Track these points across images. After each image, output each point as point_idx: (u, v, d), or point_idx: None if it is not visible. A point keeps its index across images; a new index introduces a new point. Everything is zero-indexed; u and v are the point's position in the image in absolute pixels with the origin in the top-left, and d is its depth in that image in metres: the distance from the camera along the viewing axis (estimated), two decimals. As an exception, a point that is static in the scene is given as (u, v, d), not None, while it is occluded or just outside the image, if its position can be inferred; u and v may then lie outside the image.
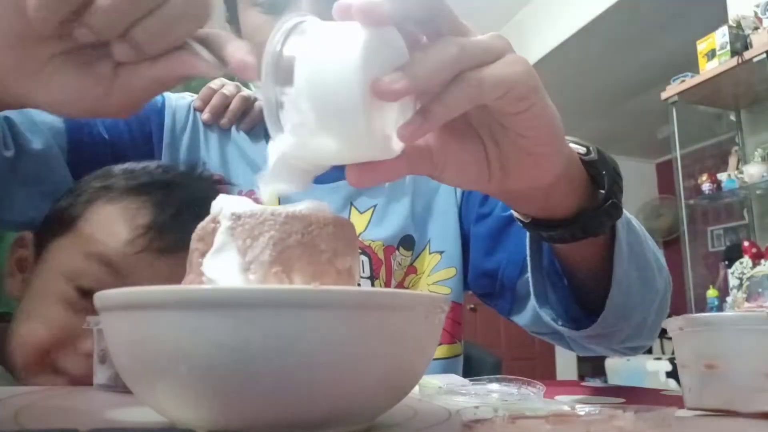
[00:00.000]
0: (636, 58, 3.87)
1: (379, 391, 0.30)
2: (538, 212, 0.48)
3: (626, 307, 0.54)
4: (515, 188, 0.42)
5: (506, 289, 0.73)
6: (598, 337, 0.57)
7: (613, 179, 0.47)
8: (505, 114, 0.37)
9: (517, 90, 0.35)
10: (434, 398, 0.45)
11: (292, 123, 0.33)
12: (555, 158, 0.41)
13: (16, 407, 0.37)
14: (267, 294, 0.27)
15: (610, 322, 0.53)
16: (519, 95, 0.35)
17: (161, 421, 0.31)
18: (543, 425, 0.27)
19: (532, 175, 0.41)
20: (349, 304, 0.27)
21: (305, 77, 0.32)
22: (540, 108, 0.37)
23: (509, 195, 0.47)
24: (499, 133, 0.39)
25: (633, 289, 0.53)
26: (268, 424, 0.27)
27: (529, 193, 0.44)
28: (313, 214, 0.33)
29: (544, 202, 0.46)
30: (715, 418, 0.39)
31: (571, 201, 0.47)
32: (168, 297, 0.27)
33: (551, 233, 0.49)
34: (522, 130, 0.38)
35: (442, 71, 0.33)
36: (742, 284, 2.52)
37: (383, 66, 0.32)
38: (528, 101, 0.36)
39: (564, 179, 0.44)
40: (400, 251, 0.74)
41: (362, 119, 0.32)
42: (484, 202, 0.77)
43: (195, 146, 0.75)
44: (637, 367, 3.41)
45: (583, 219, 0.47)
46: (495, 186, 0.42)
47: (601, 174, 0.47)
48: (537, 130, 0.38)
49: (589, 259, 0.52)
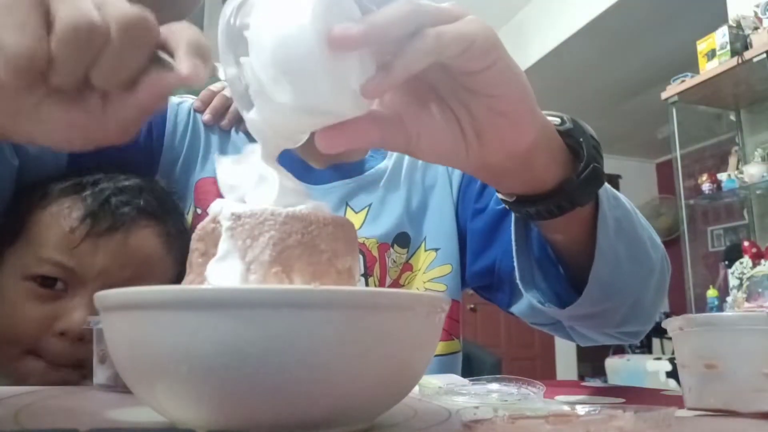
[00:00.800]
0: (636, 58, 3.87)
1: (379, 391, 0.30)
2: (522, 187, 0.48)
3: (615, 284, 0.53)
4: (494, 160, 0.42)
5: (504, 281, 0.73)
6: (588, 318, 0.57)
7: (591, 145, 0.47)
8: (469, 73, 0.37)
9: (477, 45, 0.36)
10: (434, 398, 0.45)
11: (256, 92, 0.34)
12: (529, 117, 0.41)
13: (16, 407, 0.37)
14: (267, 294, 0.27)
15: (597, 298, 0.53)
16: (480, 49, 0.36)
17: (161, 421, 0.31)
18: (543, 425, 0.28)
19: (509, 139, 0.41)
20: (349, 304, 0.27)
21: (261, 42, 0.33)
22: (504, 64, 0.37)
23: (489, 170, 0.46)
24: (469, 99, 0.39)
25: (623, 265, 0.53)
26: (268, 424, 0.27)
27: (509, 165, 0.44)
28: (313, 214, 0.33)
29: (526, 174, 0.46)
30: (715, 418, 0.39)
31: (553, 172, 0.47)
32: (168, 297, 0.27)
33: (537, 208, 0.48)
34: (490, 89, 0.38)
35: (397, 22, 0.34)
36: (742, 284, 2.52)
37: (337, 21, 0.33)
38: (490, 56, 0.36)
39: (542, 149, 0.44)
40: (394, 249, 0.74)
41: (321, 70, 0.32)
42: (479, 198, 0.77)
43: (195, 148, 0.76)
44: (637, 367, 3.41)
45: (567, 188, 0.47)
46: (473, 159, 0.42)
47: (578, 142, 0.47)
48: (505, 86, 0.38)
49: (576, 236, 0.52)
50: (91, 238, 0.58)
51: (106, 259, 0.59)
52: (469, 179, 0.80)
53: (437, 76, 0.39)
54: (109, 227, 0.59)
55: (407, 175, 0.79)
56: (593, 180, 0.47)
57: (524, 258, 0.56)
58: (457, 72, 0.37)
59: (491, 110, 0.39)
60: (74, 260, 0.58)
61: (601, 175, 0.48)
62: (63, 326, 0.57)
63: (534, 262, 0.57)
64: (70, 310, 0.57)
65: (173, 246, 0.65)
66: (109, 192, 0.61)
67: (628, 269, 0.54)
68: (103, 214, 0.59)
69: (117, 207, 0.60)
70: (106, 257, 0.59)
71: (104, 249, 0.59)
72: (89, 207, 0.59)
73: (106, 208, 0.60)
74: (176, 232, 0.66)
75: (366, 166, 0.78)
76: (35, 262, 0.58)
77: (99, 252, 0.59)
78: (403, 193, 0.78)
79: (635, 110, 4.52)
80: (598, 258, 0.51)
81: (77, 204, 0.60)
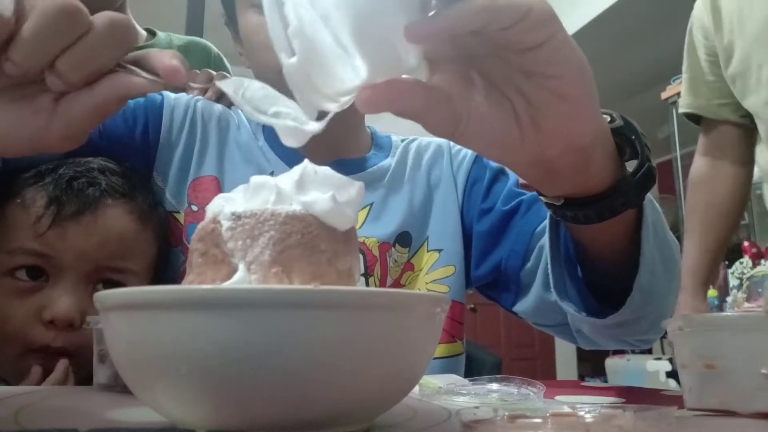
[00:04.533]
0: (636, 58, 3.87)
1: (379, 391, 0.30)
2: (574, 187, 0.45)
3: (651, 290, 0.51)
4: (552, 153, 0.39)
5: (510, 281, 0.72)
6: (621, 325, 0.54)
7: (644, 143, 0.45)
8: (524, 50, 0.34)
9: (534, 15, 0.33)
10: (434, 398, 0.45)
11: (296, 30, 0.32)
12: (591, 104, 0.38)
13: (16, 407, 0.37)
14: (267, 294, 0.27)
15: (637, 305, 0.50)
16: (536, 20, 0.33)
17: (161, 421, 0.31)
18: (543, 425, 0.28)
19: (570, 128, 0.38)
20: (349, 304, 0.27)
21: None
22: (563, 38, 0.35)
23: (544, 166, 0.42)
24: (525, 83, 0.36)
25: (658, 270, 0.51)
26: (268, 424, 0.27)
27: (567, 161, 0.41)
28: (313, 214, 0.33)
29: (583, 172, 0.43)
30: (715, 418, 0.39)
31: (609, 171, 0.44)
32: (168, 297, 0.27)
33: (587, 212, 0.45)
34: (547, 67, 0.35)
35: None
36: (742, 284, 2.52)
37: None
38: (547, 29, 0.34)
39: (601, 144, 0.42)
40: (396, 248, 0.73)
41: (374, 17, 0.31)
42: (485, 198, 0.77)
43: (192, 144, 0.74)
44: (637, 367, 3.41)
45: (622, 189, 0.44)
46: (528, 151, 0.38)
47: (629, 140, 0.45)
48: (564, 65, 0.35)
49: (616, 240, 0.49)
50: (59, 223, 0.58)
51: (79, 242, 0.59)
52: (474, 179, 0.79)
53: (491, 63, 0.37)
54: (75, 211, 0.59)
55: (411, 174, 0.78)
56: (648, 181, 0.45)
57: (557, 266, 0.54)
58: (512, 49, 0.35)
59: (550, 93, 0.36)
60: (46, 247, 0.58)
61: (654, 176, 0.46)
62: (50, 315, 0.57)
63: (565, 269, 0.55)
64: (55, 298, 0.58)
65: (148, 221, 0.65)
66: (70, 175, 0.61)
67: (662, 275, 0.52)
68: (66, 198, 0.59)
69: (80, 189, 0.60)
70: (78, 240, 0.59)
71: (74, 232, 0.59)
72: (51, 193, 0.59)
73: (69, 191, 0.59)
74: (148, 208, 0.66)
75: (368, 163, 0.77)
76: (7, 256, 0.59)
77: (69, 236, 0.59)
78: (406, 193, 0.77)
79: (635, 110, 4.51)
80: (642, 264, 0.48)
81: (40, 192, 0.60)
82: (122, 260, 0.62)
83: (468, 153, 0.82)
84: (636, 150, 0.46)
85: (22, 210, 0.59)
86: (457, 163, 0.81)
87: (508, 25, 0.33)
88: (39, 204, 0.59)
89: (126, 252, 0.62)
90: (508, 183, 0.78)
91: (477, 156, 0.81)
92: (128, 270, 0.62)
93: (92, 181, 0.61)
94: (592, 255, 0.52)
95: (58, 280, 0.59)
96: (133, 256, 0.63)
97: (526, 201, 0.74)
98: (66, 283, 0.58)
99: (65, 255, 0.58)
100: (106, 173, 0.63)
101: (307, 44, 0.32)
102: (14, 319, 0.58)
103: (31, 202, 0.59)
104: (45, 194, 0.59)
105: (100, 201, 0.61)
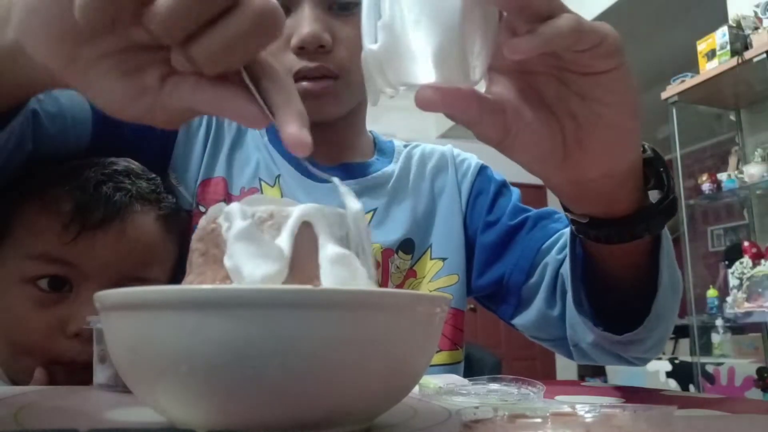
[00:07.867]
0: (636, 58, 3.86)
1: (379, 391, 0.30)
2: (603, 210, 0.47)
3: (662, 313, 0.52)
4: (591, 175, 0.41)
5: (511, 294, 0.72)
6: (631, 342, 0.55)
7: (670, 176, 0.47)
8: (590, 74, 0.36)
9: (608, 43, 0.35)
10: (434, 398, 0.45)
11: (386, 24, 0.35)
12: (635, 137, 0.40)
13: (16, 407, 0.37)
14: (267, 294, 0.27)
15: (652, 326, 0.52)
16: (609, 49, 0.35)
17: (161, 421, 0.31)
18: (543, 425, 0.27)
19: (612, 154, 0.40)
20: (349, 304, 0.27)
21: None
22: (625, 71, 0.36)
23: (579, 187, 0.44)
24: (578, 106, 0.38)
25: (668, 291, 0.52)
26: (268, 423, 0.27)
27: (603, 185, 0.42)
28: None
29: (614, 198, 0.45)
30: (715, 418, 0.39)
31: (635, 197, 0.46)
32: (168, 297, 0.27)
33: (608, 232, 0.47)
34: (605, 95, 0.37)
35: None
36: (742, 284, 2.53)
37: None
38: (615, 59, 0.36)
39: (635, 172, 0.43)
40: (398, 255, 0.73)
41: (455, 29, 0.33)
42: (490, 211, 0.76)
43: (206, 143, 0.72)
44: (637, 368, 3.40)
45: (645, 216, 0.46)
46: (569, 169, 0.40)
47: (658, 172, 0.47)
48: (621, 95, 0.37)
49: (633, 262, 0.51)
50: (87, 230, 0.55)
51: (106, 251, 0.56)
52: (478, 190, 0.79)
53: (545, 81, 0.39)
54: (103, 218, 0.56)
55: (415, 181, 0.78)
56: (672, 211, 0.47)
57: (577, 282, 0.55)
58: (578, 70, 0.36)
59: (601, 119, 0.38)
60: (72, 255, 0.55)
61: (677, 207, 0.48)
62: (76, 328, 0.54)
63: (581, 285, 0.56)
64: (80, 310, 0.54)
65: (172, 226, 0.62)
66: (97, 179, 0.57)
67: (671, 299, 0.54)
68: (95, 205, 0.56)
69: (108, 195, 0.56)
70: (106, 250, 0.56)
71: (102, 241, 0.56)
72: (79, 198, 0.55)
73: (97, 197, 0.56)
74: (172, 212, 0.63)
75: (371, 168, 0.77)
76: (29, 262, 0.55)
77: (97, 245, 0.55)
78: (409, 200, 0.76)
79: (635, 110, 4.51)
80: (661, 287, 0.50)
81: (64, 196, 0.56)
82: (147, 268, 0.59)
83: (472, 163, 0.82)
84: (661, 180, 0.47)
85: (45, 213, 0.56)
86: (462, 172, 0.81)
87: (586, 48, 0.35)
88: (65, 209, 0.55)
89: (151, 259, 0.60)
90: (512, 198, 0.79)
91: (482, 167, 0.82)
92: (151, 279, 0.59)
93: (119, 186, 0.58)
94: (602, 273, 0.53)
95: (81, 290, 0.56)
96: (157, 263, 0.60)
97: (532, 217, 0.74)
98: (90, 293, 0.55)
99: (91, 264, 0.56)
100: (131, 176, 0.60)
101: (392, 39, 0.35)
102: (35, 331, 0.55)
103: (55, 205, 0.56)
104: (71, 199, 0.56)
105: (129, 208, 0.58)
